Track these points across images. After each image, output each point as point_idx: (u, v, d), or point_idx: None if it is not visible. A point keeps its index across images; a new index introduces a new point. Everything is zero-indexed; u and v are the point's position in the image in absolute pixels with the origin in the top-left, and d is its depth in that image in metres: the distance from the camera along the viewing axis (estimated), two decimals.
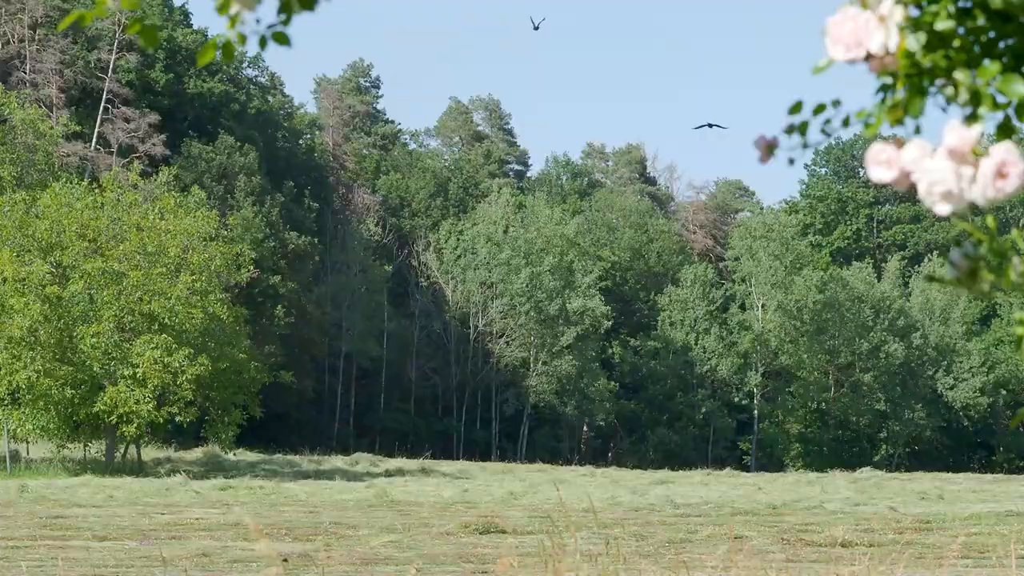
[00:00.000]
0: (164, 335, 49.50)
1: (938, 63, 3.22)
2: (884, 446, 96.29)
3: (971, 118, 3.20)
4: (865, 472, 72.46)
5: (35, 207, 52.26)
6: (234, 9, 3.57)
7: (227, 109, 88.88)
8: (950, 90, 3.24)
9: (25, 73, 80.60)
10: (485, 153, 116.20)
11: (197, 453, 58.35)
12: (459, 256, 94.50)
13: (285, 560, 20.31)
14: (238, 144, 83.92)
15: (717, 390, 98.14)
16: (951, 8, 3.23)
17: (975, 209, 3.19)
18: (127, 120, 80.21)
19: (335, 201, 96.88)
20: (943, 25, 3.22)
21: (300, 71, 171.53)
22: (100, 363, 48.86)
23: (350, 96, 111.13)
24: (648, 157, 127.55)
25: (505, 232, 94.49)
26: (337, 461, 62.07)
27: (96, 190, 54.31)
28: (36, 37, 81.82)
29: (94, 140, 79.45)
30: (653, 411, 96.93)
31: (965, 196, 3.09)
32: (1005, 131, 3.24)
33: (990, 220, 3.24)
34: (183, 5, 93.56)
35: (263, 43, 3.65)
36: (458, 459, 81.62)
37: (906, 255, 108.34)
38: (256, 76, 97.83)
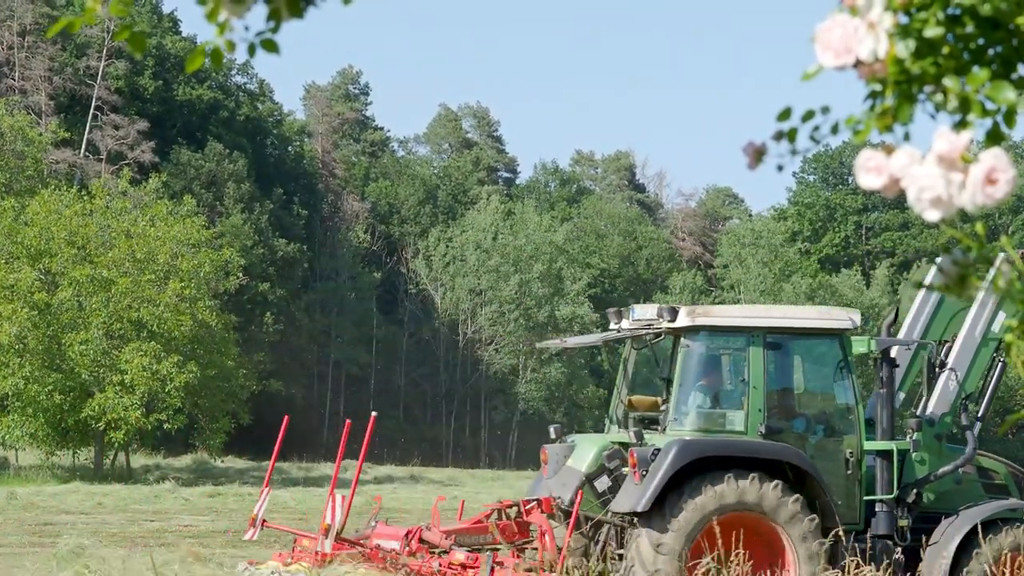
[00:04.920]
0: (153, 342, 49.40)
1: (927, 70, 3.23)
2: None
3: (960, 124, 3.21)
4: None
5: (24, 214, 52.13)
6: (223, 16, 3.56)
7: (216, 116, 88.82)
8: (939, 97, 3.25)
9: (14, 80, 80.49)
10: (474, 160, 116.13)
11: (186, 460, 58.15)
12: (448, 263, 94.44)
13: None
14: (227, 151, 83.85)
15: None
16: (940, 15, 3.23)
17: (964, 216, 3.19)
18: (116, 127, 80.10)
19: (324, 208, 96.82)
20: (932, 32, 3.22)
21: (289, 78, 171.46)
22: (88, 370, 48.71)
23: (339, 103, 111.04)
24: (637, 164, 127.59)
25: (494, 239, 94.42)
26: (326, 468, 61.95)
27: (85, 197, 54.16)
28: (25, 44, 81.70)
29: (83, 147, 79.34)
30: None
31: (954, 202, 3.09)
32: (994, 138, 3.24)
33: (979, 227, 3.24)
34: (172, 12, 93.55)
35: (252, 50, 3.65)
36: (447, 466, 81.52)
37: (895, 262, 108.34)
38: (245, 83, 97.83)
